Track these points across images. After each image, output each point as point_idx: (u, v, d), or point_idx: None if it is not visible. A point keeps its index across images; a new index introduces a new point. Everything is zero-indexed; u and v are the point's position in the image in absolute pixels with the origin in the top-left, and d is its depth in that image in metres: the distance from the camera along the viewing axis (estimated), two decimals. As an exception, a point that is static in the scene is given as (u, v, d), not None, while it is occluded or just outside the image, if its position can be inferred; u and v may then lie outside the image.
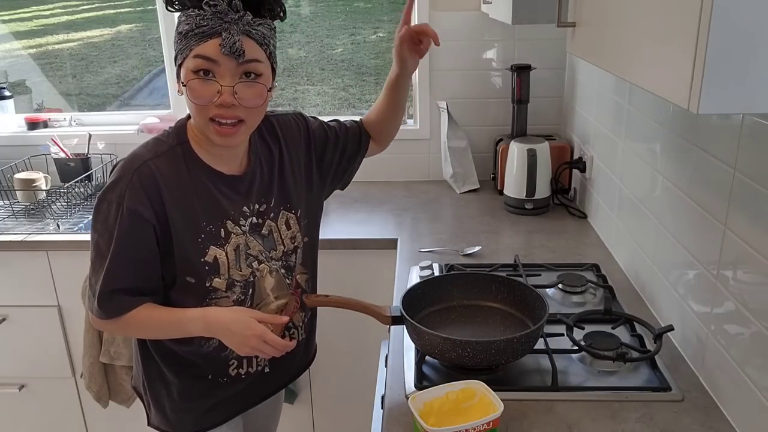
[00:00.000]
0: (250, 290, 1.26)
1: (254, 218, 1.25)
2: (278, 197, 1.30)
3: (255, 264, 1.25)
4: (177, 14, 1.14)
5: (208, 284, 1.21)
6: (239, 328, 1.14)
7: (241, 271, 1.24)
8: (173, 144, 1.19)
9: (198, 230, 1.19)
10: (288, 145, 1.33)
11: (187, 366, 1.28)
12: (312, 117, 1.43)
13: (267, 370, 1.35)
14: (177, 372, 1.29)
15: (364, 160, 1.51)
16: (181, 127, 1.22)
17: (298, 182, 1.34)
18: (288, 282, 1.32)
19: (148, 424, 1.39)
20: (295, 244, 1.33)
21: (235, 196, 1.23)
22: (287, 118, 1.37)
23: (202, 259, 1.19)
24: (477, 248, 1.84)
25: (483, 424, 1.03)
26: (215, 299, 1.22)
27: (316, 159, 1.39)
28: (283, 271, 1.31)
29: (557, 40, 2.31)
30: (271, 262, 1.28)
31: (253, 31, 1.11)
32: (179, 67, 1.14)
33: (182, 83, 1.12)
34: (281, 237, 1.30)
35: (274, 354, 1.18)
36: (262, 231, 1.27)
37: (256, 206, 1.26)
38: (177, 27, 1.13)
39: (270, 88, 1.17)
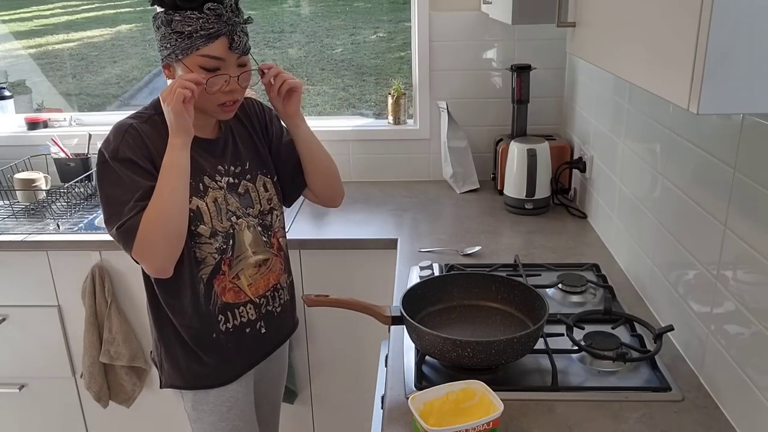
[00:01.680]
0: (231, 241, 1.40)
1: (230, 178, 1.42)
2: (253, 161, 1.47)
3: (234, 219, 1.41)
4: (161, 12, 1.29)
5: (193, 228, 1.35)
6: (170, 101, 1.26)
7: (222, 223, 1.39)
8: (152, 113, 1.36)
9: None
10: (252, 121, 1.52)
11: (193, 322, 1.42)
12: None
13: (263, 330, 1.50)
14: (187, 327, 1.42)
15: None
16: (157, 101, 1.36)
17: (268, 150, 1.53)
18: (265, 240, 1.47)
19: (161, 387, 1.52)
20: (272, 205, 1.49)
21: (209, 157, 1.40)
22: (250, 102, 1.55)
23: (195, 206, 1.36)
24: (477, 248, 1.84)
25: (483, 424, 1.03)
26: (200, 243, 1.37)
27: (267, 144, 1.54)
28: (259, 228, 1.46)
29: (557, 40, 2.31)
30: (248, 218, 1.44)
31: (245, 29, 1.33)
32: (177, 60, 1.30)
33: (202, 80, 1.28)
34: (259, 197, 1.47)
35: (185, 87, 1.25)
36: (239, 190, 1.43)
37: (232, 168, 1.43)
38: (170, 25, 1.27)
39: (261, 71, 1.42)
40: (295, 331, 1.66)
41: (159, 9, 1.31)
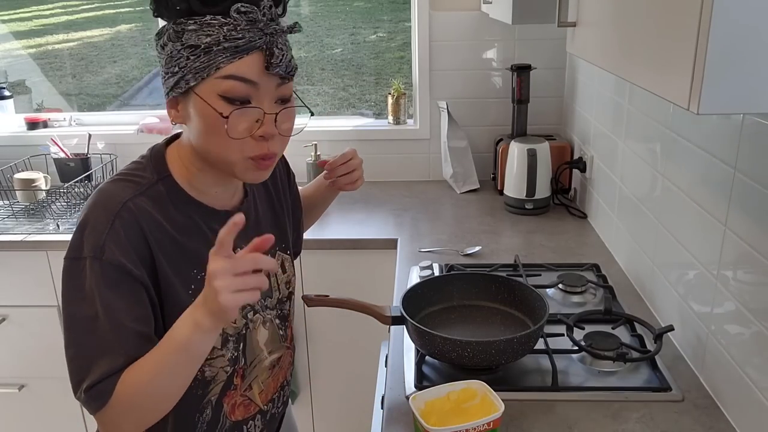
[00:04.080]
0: (241, 344, 1.05)
1: None
2: (273, 235, 1.14)
3: (250, 314, 1.06)
4: (171, 22, 0.91)
5: None
6: (208, 290, 0.83)
7: (234, 323, 1.03)
8: (153, 180, 0.96)
9: (188, 280, 0.97)
10: (275, 180, 1.18)
11: None
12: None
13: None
14: None
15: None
16: (160, 156, 0.99)
17: (287, 220, 1.19)
18: (281, 334, 1.15)
19: None
20: (290, 289, 1.18)
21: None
22: None
23: None
24: (477, 248, 1.84)
25: (483, 425, 1.03)
26: (210, 359, 1.01)
27: (287, 208, 1.22)
28: (277, 321, 1.13)
29: (557, 40, 2.31)
30: (265, 311, 1.10)
31: (288, 45, 0.94)
32: (187, 89, 0.90)
33: (219, 113, 0.88)
34: (277, 282, 1.13)
35: (257, 287, 0.84)
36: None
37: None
38: (180, 38, 0.89)
39: (312, 113, 1.03)
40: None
41: (165, 23, 0.92)
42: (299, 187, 1.31)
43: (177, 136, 1.03)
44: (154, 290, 0.93)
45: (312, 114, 1.02)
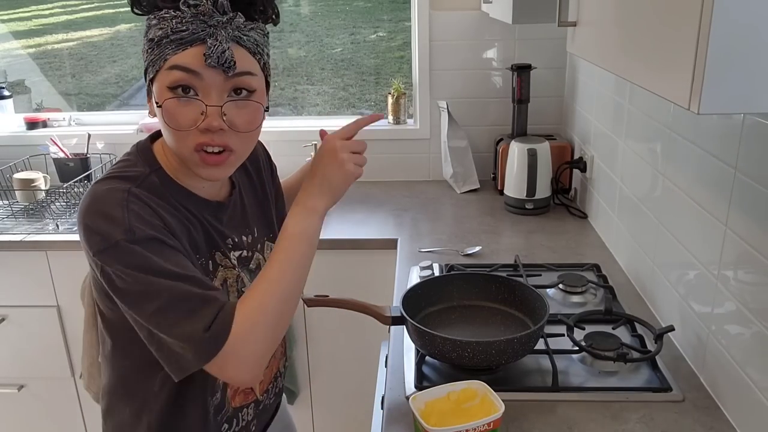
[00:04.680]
0: None
1: (243, 251, 1.09)
2: (261, 227, 1.16)
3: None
4: (146, 18, 0.94)
5: None
6: (330, 167, 1.00)
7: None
8: (146, 173, 0.96)
9: (203, 266, 1.01)
10: (260, 171, 1.20)
11: None
12: None
13: (253, 429, 1.18)
14: None
15: None
16: (147, 150, 1.00)
17: (272, 211, 1.21)
18: None
19: None
20: None
21: (219, 226, 1.04)
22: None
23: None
24: (477, 248, 1.84)
25: (484, 425, 1.03)
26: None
27: (271, 197, 1.23)
28: None
29: (557, 39, 2.30)
30: None
31: (245, 38, 0.92)
32: (150, 82, 0.93)
33: (156, 103, 0.91)
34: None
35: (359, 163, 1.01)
36: (250, 265, 1.11)
37: (243, 237, 1.10)
38: (146, 33, 0.92)
39: (266, 108, 0.97)
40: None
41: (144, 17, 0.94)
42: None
43: (160, 132, 1.02)
44: None
45: (266, 109, 0.97)
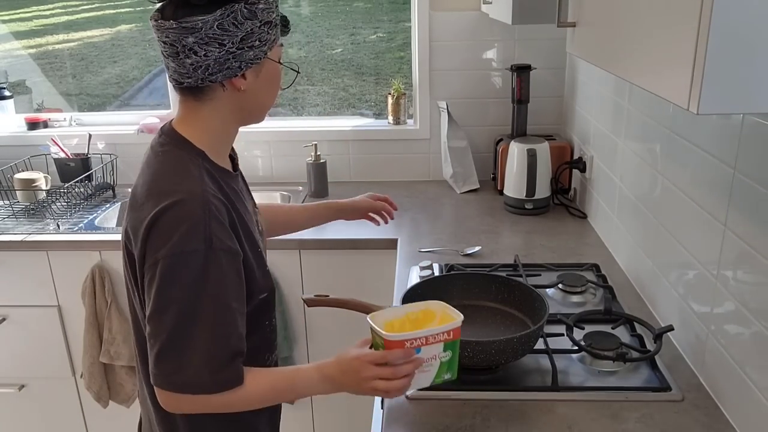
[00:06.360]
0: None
1: (256, 218, 1.20)
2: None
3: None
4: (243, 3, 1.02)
5: (275, 290, 1.15)
6: (350, 379, 1.04)
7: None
8: (198, 161, 1.03)
9: (254, 241, 1.09)
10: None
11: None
12: None
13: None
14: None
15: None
16: (181, 139, 1.05)
17: None
18: None
19: None
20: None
21: (242, 195, 1.14)
22: None
23: (267, 268, 1.13)
24: (477, 248, 1.84)
25: (443, 333, 1.02)
26: (272, 319, 1.17)
27: None
28: None
29: (557, 40, 2.31)
30: None
31: None
32: (255, 57, 1.02)
33: (281, 69, 1.09)
34: (263, 234, 1.25)
35: (396, 388, 1.02)
36: (260, 227, 1.21)
37: (252, 203, 1.21)
38: (256, 15, 0.99)
39: None
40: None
41: (233, 4, 0.98)
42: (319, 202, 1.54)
43: (165, 126, 1.09)
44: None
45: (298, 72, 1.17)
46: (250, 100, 1.07)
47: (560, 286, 1.57)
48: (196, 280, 0.95)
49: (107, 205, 2.34)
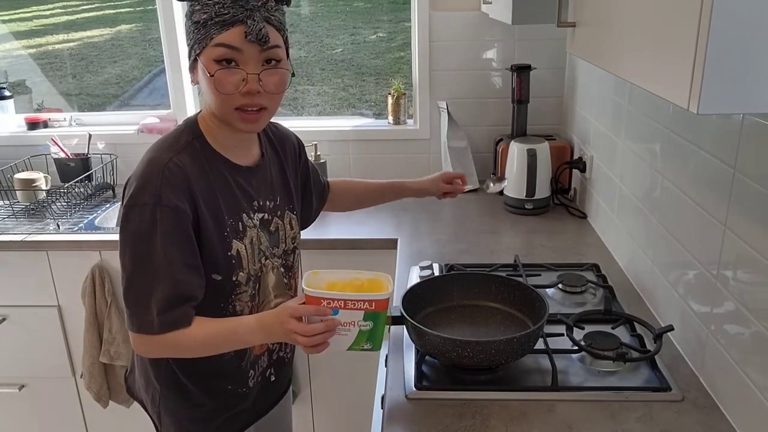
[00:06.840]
0: (258, 284, 1.27)
1: (264, 214, 1.27)
2: (283, 196, 1.33)
3: (262, 260, 1.26)
4: (183, 4, 1.14)
5: (234, 278, 1.20)
6: (278, 329, 1.12)
7: (254, 265, 1.24)
8: (190, 139, 1.17)
9: (223, 224, 1.18)
10: (286, 153, 1.37)
11: (208, 376, 1.27)
12: None
13: (273, 378, 1.39)
14: (196, 381, 1.27)
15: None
16: (193, 122, 1.21)
17: (295, 186, 1.39)
18: (285, 282, 1.34)
19: None
20: (295, 244, 1.36)
21: (248, 188, 1.23)
22: (286, 130, 1.42)
23: (229, 253, 1.19)
24: (505, 183, 1.97)
25: (363, 301, 1.02)
26: (239, 294, 1.23)
27: (300, 179, 1.44)
28: (282, 269, 1.32)
29: (557, 40, 2.31)
30: (273, 258, 1.29)
31: (273, 18, 1.12)
32: (195, 58, 1.13)
33: (208, 73, 1.10)
34: (285, 235, 1.32)
35: (311, 344, 1.10)
36: (270, 227, 1.28)
37: (267, 202, 1.28)
38: (191, 16, 1.11)
39: (293, 74, 1.18)
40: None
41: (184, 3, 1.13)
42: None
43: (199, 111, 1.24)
44: (195, 228, 1.13)
45: (293, 74, 1.18)
46: (205, 97, 1.17)
47: (560, 286, 1.57)
48: (148, 230, 1.08)
49: (107, 205, 2.34)
